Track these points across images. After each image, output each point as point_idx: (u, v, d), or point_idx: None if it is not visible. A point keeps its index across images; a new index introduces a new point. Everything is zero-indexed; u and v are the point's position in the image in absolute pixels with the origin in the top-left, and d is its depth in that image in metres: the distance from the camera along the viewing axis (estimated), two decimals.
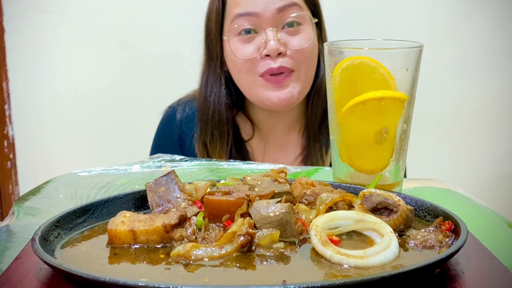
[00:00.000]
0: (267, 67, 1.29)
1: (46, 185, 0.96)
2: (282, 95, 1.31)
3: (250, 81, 1.32)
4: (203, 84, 1.40)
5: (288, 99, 1.32)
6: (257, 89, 1.32)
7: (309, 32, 1.32)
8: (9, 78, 2.12)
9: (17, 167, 2.20)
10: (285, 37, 1.30)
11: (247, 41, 1.31)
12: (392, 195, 0.66)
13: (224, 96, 1.37)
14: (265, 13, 1.28)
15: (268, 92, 1.31)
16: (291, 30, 1.30)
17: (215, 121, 1.38)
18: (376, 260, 0.56)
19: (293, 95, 1.32)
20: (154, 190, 0.70)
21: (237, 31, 1.31)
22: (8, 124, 2.15)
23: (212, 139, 1.39)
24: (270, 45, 1.27)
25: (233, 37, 1.32)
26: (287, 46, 1.29)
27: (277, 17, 1.28)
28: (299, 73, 1.31)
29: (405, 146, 0.83)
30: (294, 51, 1.29)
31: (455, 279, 0.56)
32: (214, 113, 1.37)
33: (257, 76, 1.31)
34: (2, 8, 2.09)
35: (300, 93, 1.33)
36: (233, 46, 1.31)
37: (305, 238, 0.63)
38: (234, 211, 0.64)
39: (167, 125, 1.49)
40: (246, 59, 1.30)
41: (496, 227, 0.78)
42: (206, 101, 1.38)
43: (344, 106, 0.80)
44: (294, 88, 1.31)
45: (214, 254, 0.58)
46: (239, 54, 1.31)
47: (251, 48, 1.30)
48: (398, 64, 0.78)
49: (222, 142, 1.38)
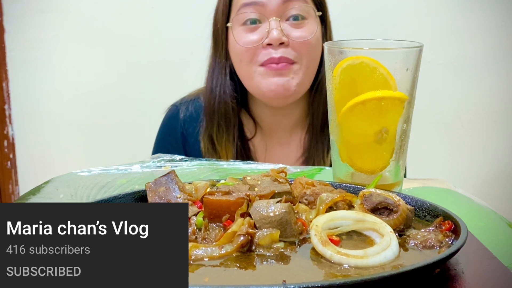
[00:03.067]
0: (268, 56, 1.30)
1: (46, 185, 0.96)
2: (281, 82, 1.31)
3: (250, 71, 1.33)
4: (209, 77, 1.42)
5: (287, 87, 1.32)
6: (258, 78, 1.33)
7: (313, 26, 1.33)
8: (9, 78, 2.12)
9: (17, 167, 2.20)
10: (288, 28, 1.31)
11: (251, 30, 1.32)
12: (392, 195, 0.66)
13: (229, 86, 1.38)
14: (270, 3, 1.30)
15: (267, 80, 1.32)
16: (295, 23, 1.32)
17: (221, 112, 1.38)
18: (376, 260, 0.56)
19: (291, 85, 1.32)
20: (154, 190, 0.71)
21: (242, 20, 1.32)
22: (8, 124, 2.15)
23: (218, 131, 1.39)
24: (272, 34, 1.29)
25: (237, 26, 1.33)
26: (290, 37, 1.30)
27: (281, 8, 1.30)
28: (301, 65, 1.32)
29: (405, 146, 0.83)
30: (297, 43, 1.31)
31: (455, 279, 0.56)
32: (220, 104, 1.38)
33: (257, 66, 1.32)
34: (2, 8, 2.09)
35: (299, 85, 1.34)
36: (237, 35, 1.33)
37: (305, 238, 0.63)
38: (234, 211, 0.64)
39: (170, 124, 1.49)
40: (248, 47, 1.31)
41: (496, 227, 0.78)
42: (212, 93, 1.39)
43: (344, 106, 0.80)
44: (294, 79, 1.32)
45: (214, 254, 0.58)
46: (241, 42, 1.32)
47: (254, 37, 1.32)
48: (398, 64, 0.78)
49: (228, 132, 1.39)
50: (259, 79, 1.33)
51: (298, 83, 1.33)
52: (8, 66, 2.11)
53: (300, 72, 1.33)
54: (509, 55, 1.92)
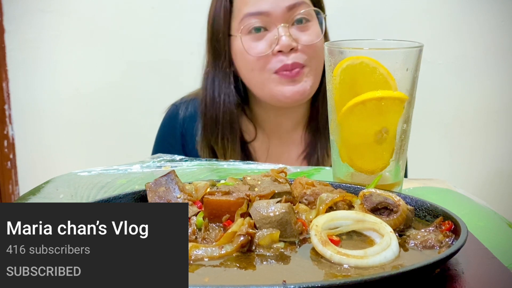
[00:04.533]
0: (281, 64, 1.30)
1: (46, 185, 0.96)
2: (296, 88, 1.33)
3: (263, 79, 1.33)
4: (208, 85, 1.39)
5: (302, 93, 1.33)
6: (270, 86, 1.33)
7: (317, 28, 1.35)
8: (9, 78, 2.12)
9: (17, 167, 2.20)
10: (295, 32, 1.32)
11: (258, 38, 1.32)
12: (392, 195, 0.66)
13: (234, 95, 1.38)
14: (275, 12, 1.30)
15: (282, 87, 1.32)
16: (300, 26, 1.33)
17: (226, 121, 1.37)
18: (376, 260, 0.56)
19: (305, 89, 1.34)
20: (154, 190, 0.70)
21: (247, 29, 1.32)
22: (8, 124, 2.15)
23: (222, 141, 1.38)
24: (282, 40, 1.29)
25: (243, 35, 1.33)
26: (298, 42, 1.31)
27: (287, 15, 1.31)
28: (311, 67, 1.33)
29: (405, 146, 0.83)
30: (305, 47, 1.32)
31: (455, 279, 0.56)
32: (225, 114, 1.37)
33: (271, 74, 1.32)
34: (2, 8, 2.09)
35: (312, 87, 1.36)
36: (246, 44, 1.32)
37: (305, 238, 0.63)
38: (234, 211, 0.64)
39: (169, 123, 1.49)
40: (259, 56, 1.31)
41: (496, 227, 0.78)
42: (215, 103, 1.37)
43: (344, 106, 0.80)
44: (307, 82, 1.34)
45: (214, 254, 0.58)
46: (251, 52, 1.32)
47: (263, 45, 1.31)
48: (398, 64, 0.78)
49: (233, 142, 1.39)
50: (272, 86, 1.33)
51: (311, 86, 1.35)
52: (8, 66, 2.11)
53: (311, 75, 1.34)
54: (509, 55, 1.92)
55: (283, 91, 1.33)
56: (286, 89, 1.32)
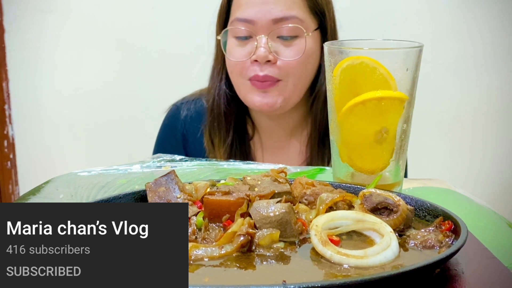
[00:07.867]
0: (254, 73, 1.30)
1: (46, 185, 0.96)
2: (265, 99, 1.32)
3: (239, 83, 1.35)
4: (210, 78, 1.44)
5: (271, 105, 1.33)
6: (245, 91, 1.34)
7: (303, 44, 1.31)
8: (9, 78, 2.12)
9: (17, 167, 2.20)
10: (277, 46, 1.30)
11: (241, 44, 1.32)
12: (392, 195, 0.66)
13: (223, 91, 1.40)
14: (261, 21, 1.29)
15: (253, 96, 1.33)
16: (284, 42, 1.30)
17: (214, 114, 1.41)
18: (376, 260, 0.56)
19: (275, 103, 1.33)
20: (154, 190, 0.70)
21: (234, 33, 1.33)
22: (8, 124, 2.15)
23: (213, 131, 1.42)
24: (259, 51, 1.28)
25: (230, 38, 1.34)
26: (278, 55, 1.29)
27: (272, 27, 1.29)
28: (286, 83, 1.32)
29: (405, 146, 0.83)
30: (284, 62, 1.30)
31: (455, 279, 0.56)
32: (213, 106, 1.41)
33: (246, 80, 1.33)
34: (2, 8, 2.09)
35: (285, 101, 1.34)
36: (228, 47, 1.34)
37: (305, 238, 0.63)
38: (234, 211, 0.64)
39: (170, 123, 1.49)
40: (237, 61, 1.31)
41: (496, 227, 0.78)
42: (210, 93, 1.42)
43: (344, 106, 0.80)
44: (278, 97, 1.32)
45: (214, 254, 0.58)
46: (231, 56, 1.33)
47: (243, 52, 1.32)
48: (398, 64, 0.78)
49: (221, 134, 1.41)
50: (246, 93, 1.34)
51: (284, 100, 1.33)
52: (8, 66, 2.11)
53: (286, 90, 1.32)
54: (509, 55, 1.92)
55: (253, 99, 1.33)
56: (256, 98, 1.33)
